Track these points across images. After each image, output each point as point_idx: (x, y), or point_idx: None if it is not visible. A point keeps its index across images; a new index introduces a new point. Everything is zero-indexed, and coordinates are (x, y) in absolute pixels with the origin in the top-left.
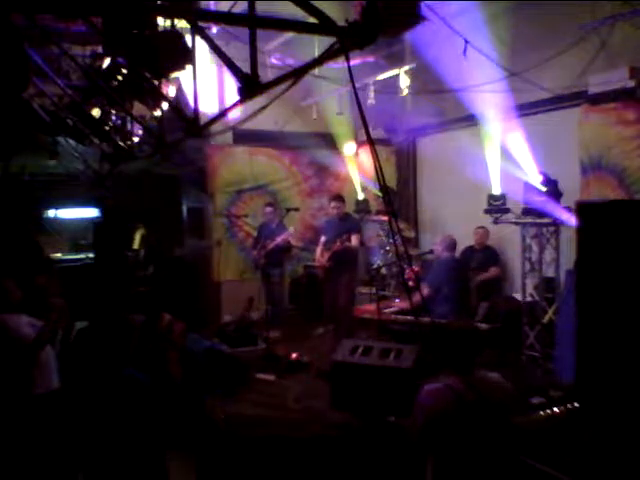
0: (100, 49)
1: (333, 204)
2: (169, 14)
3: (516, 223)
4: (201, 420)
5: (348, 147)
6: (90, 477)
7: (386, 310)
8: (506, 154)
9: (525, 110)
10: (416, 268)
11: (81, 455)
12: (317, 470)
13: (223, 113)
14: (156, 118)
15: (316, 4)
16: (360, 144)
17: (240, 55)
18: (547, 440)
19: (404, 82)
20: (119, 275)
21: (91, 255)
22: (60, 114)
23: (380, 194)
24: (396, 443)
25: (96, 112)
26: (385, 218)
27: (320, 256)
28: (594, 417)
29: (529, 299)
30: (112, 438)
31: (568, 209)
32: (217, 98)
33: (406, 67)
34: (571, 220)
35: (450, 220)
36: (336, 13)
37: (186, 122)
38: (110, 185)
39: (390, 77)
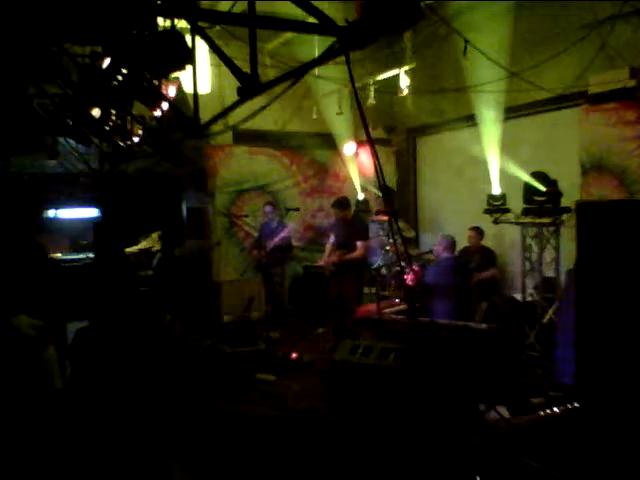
0: (100, 49)
1: (334, 211)
2: (169, 14)
3: (516, 223)
4: (200, 418)
5: (348, 147)
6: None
7: (386, 310)
8: (506, 154)
9: (525, 110)
10: (416, 268)
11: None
12: (317, 470)
13: (223, 113)
14: (156, 118)
15: (316, 4)
16: (360, 144)
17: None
18: (547, 440)
19: (404, 82)
20: (119, 275)
21: (91, 255)
22: (60, 114)
23: (380, 194)
24: (400, 445)
25: (96, 112)
26: (385, 218)
27: (327, 255)
28: (594, 417)
29: (529, 299)
30: (115, 437)
31: (568, 209)
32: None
33: (406, 67)
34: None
35: (450, 220)
36: (336, 13)
37: (186, 122)
38: (110, 185)
39: (390, 77)
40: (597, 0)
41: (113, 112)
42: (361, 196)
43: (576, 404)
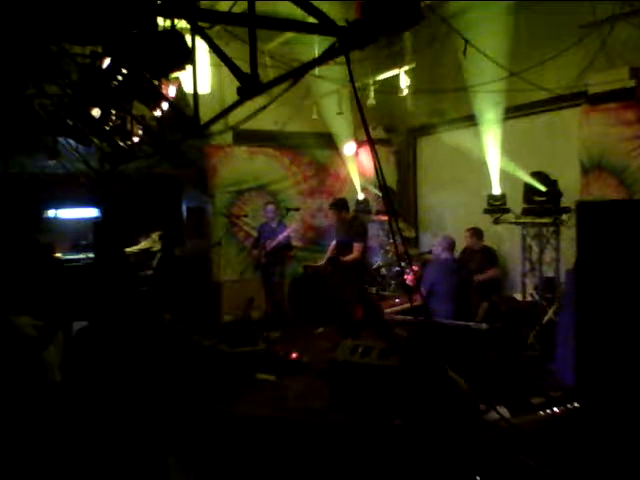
0: (100, 49)
1: (330, 212)
2: (169, 14)
3: (516, 223)
4: (200, 417)
5: (348, 147)
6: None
7: (386, 310)
8: (506, 154)
9: (525, 110)
10: (416, 268)
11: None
12: (317, 470)
13: (223, 113)
14: (156, 118)
15: (316, 4)
16: (360, 144)
17: (240, 55)
18: (547, 440)
19: (404, 82)
20: (119, 275)
21: (91, 255)
22: (60, 114)
23: (380, 194)
24: (401, 446)
25: (96, 112)
26: (385, 218)
27: (329, 254)
28: (594, 417)
29: (529, 299)
30: (114, 436)
31: (568, 209)
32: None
33: (406, 67)
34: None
35: (450, 220)
36: (336, 13)
37: (186, 122)
38: (110, 185)
39: (390, 77)
40: (597, 0)
41: (113, 112)
42: (361, 196)
43: (576, 404)
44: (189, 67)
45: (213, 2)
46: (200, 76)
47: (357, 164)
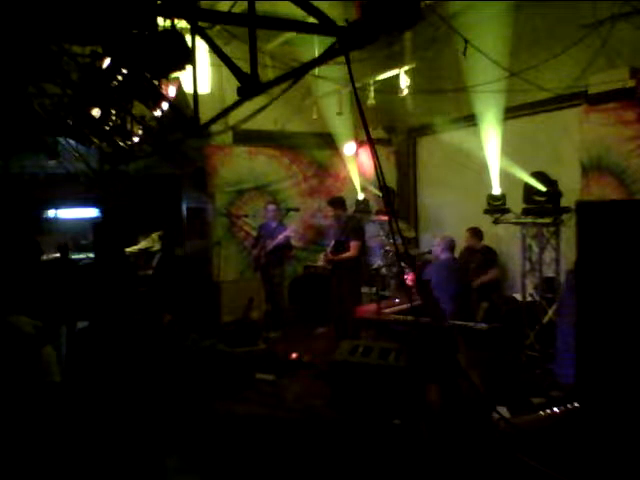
0: (100, 49)
1: (328, 209)
2: (169, 14)
3: (516, 223)
4: (199, 417)
5: (348, 147)
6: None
7: (386, 310)
8: (506, 154)
9: (525, 110)
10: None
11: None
12: (316, 469)
13: (223, 113)
14: (156, 118)
15: (316, 4)
16: (360, 144)
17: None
18: (547, 440)
19: (404, 82)
20: (119, 275)
21: (91, 255)
22: (60, 114)
23: (380, 194)
24: (401, 446)
25: (96, 112)
26: (385, 218)
27: (327, 253)
28: (594, 417)
29: (529, 299)
30: (112, 436)
31: (568, 209)
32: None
33: (406, 67)
34: None
35: (450, 220)
36: (336, 13)
37: (186, 122)
38: (110, 185)
39: (390, 77)
40: (597, 0)
41: (113, 112)
42: (361, 196)
43: (576, 404)
44: (189, 67)
45: (213, 2)
46: (200, 76)
47: (357, 164)
